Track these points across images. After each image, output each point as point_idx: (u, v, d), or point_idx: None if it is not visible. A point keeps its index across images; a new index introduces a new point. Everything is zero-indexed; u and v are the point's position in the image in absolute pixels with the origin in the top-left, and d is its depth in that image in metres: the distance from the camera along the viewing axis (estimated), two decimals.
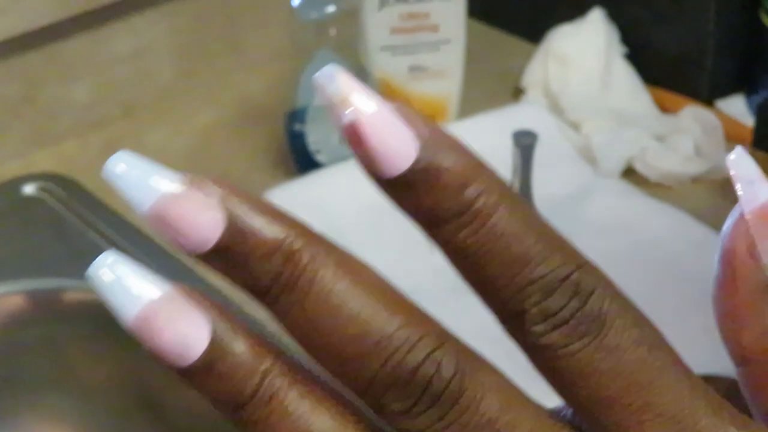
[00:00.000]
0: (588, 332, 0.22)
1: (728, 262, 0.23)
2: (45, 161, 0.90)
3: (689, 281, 0.72)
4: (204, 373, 0.22)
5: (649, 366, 0.22)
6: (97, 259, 0.22)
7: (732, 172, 0.23)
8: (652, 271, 0.77)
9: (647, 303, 0.87)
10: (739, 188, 0.23)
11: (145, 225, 0.75)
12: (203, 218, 0.22)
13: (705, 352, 0.47)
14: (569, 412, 0.24)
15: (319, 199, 0.80)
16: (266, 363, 0.22)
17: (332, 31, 0.84)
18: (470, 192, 0.22)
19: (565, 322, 0.22)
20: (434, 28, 0.88)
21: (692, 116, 0.89)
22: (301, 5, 0.84)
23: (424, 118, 0.22)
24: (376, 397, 0.22)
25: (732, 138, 0.88)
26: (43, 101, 0.91)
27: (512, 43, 1.03)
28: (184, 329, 0.22)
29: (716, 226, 0.80)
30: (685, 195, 0.85)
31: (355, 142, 0.22)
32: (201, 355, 0.22)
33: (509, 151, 0.75)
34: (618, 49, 0.94)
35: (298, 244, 0.22)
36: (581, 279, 0.22)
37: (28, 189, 0.86)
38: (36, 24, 0.87)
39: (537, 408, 0.23)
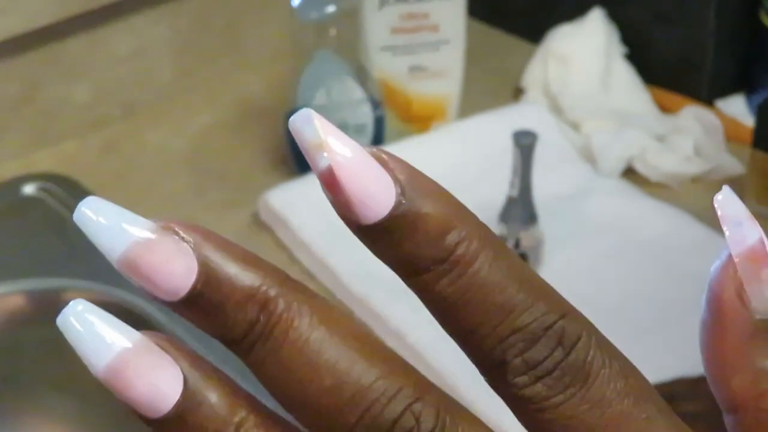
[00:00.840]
0: (572, 383, 0.21)
1: (716, 306, 0.22)
2: (45, 161, 0.90)
3: (689, 281, 0.72)
4: (176, 425, 0.21)
5: (635, 418, 0.21)
6: (67, 307, 0.22)
7: (719, 213, 0.23)
8: (652, 271, 0.77)
9: (647, 303, 0.88)
10: (726, 230, 0.22)
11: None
12: (175, 266, 0.21)
13: None
14: None
15: (319, 199, 0.80)
16: (240, 414, 0.22)
17: (332, 31, 0.84)
18: (451, 238, 0.21)
19: (549, 373, 0.21)
20: (434, 28, 0.88)
21: (692, 116, 0.89)
22: (301, 5, 0.84)
23: (402, 163, 0.21)
24: None
25: (732, 138, 0.88)
26: (43, 101, 0.91)
27: (512, 43, 1.03)
28: (156, 380, 0.21)
29: (716, 226, 0.80)
30: (685, 195, 0.85)
31: (331, 187, 0.21)
32: (173, 407, 0.21)
33: (509, 151, 0.75)
34: (618, 49, 0.94)
35: (273, 292, 0.21)
36: (566, 327, 0.21)
37: (28, 189, 0.86)
38: (36, 24, 0.87)
39: None
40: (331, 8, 0.84)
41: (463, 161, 0.85)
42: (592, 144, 0.86)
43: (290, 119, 0.21)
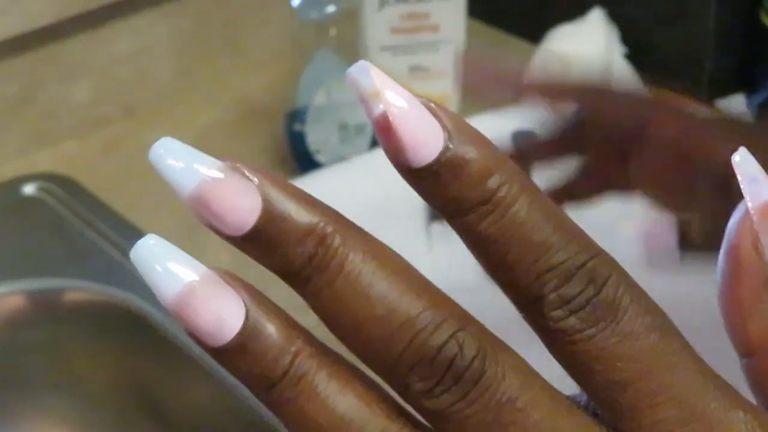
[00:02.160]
0: (603, 318, 0.23)
1: (733, 257, 0.24)
2: (45, 161, 0.90)
3: (689, 280, 0.72)
4: (237, 353, 0.23)
5: (662, 351, 0.23)
6: (140, 241, 0.23)
7: (737, 170, 0.24)
8: (653, 271, 0.77)
9: None
10: (743, 186, 0.24)
11: (146, 225, 0.74)
12: (242, 202, 0.23)
13: (705, 351, 0.47)
14: (584, 398, 0.24)
15: (319, 199, 0.80)
16: (296, 344, 0.23)
17: (332, 31, 0.84)
18: (492, 182, 0.23)
19: (582, 307, 0.23)
20: (434, 28, 0.88)
21: None
22: (301, 5, 0.84)
23: (450, 112, 0.23)
24: (400, 377, 0.23)
25: None
26: (43, 101, 0.91)
27: (512, 43, 1.03)
28: (220, 309, 0.23)
29: None
30: None
31: (385, 133, 0.23)
32: (235, 335, 0.23)
33: (509, 151, 0.75)
34: (618, 49, 0.94)
35: (329, 229, 0.23)
36: (596, 267, 0.23)
37: (28, 189, 0.86)
38: (36, 24, 0.87)
39: (554, 390, 0.24)
40: (331, 8, 0.84)
41: None
42: None
43: (348, 70, 0.23)
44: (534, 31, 0.98)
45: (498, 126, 0.85)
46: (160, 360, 0.77)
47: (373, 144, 0.86)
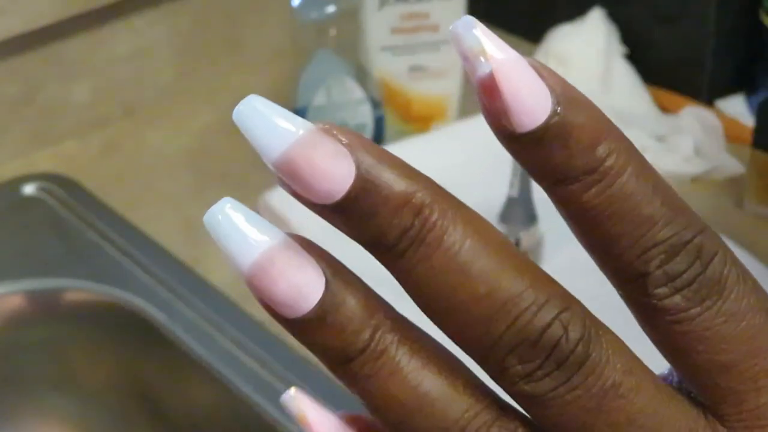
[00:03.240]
0: (709, 296, 0.22)
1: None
2: (45, 161, 0.90)
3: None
4: (315, 324, 0.22)
5: (767, 332, 0.22)
6: (215, 205, 0.22)
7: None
8: None
9: None
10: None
11: (146, 225, 0.73)
12: (334, 167, 0.21)
13: None
14: (674, 378, 0.23)
15: None
16: (378, 317, 0.22)
17: (332, 31, 0.84)
18: (601, 151, 0.21)
19: (688, 285, 0.22)
20: (434, 28, 0.88)
21: (692, 116, 0.89)
22: (301, 5, 0.84)
23: (556, 74, 0.22)
24: (499, 358, 0.21)
25: (732, 138, 0.88)
26: (43, 101, 0.91)
27: (512, 43, 1.02)
28: (300, 279, 0.21)
29: (716, 226, 0.80)
30: (685, 195, 0.84)
31: (489, 94, 0.21)
32: (314, 306, 0.21)
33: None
34: (618, 49, 0.94)
35: (428, 199, 0.21)
36: (704, 243, 0.22)
37: (28, 189, 0.86)
38: (36, 24, 0.87)
39: (655, 375, 0.22)
40: (331, 8, 0.84)
41: (463, 161, 0.85)
42: None
43: (451, 26, 0.22)
44: (534, 31, 0.98)
45: None
46: (160, 360, 0.77)
47: None
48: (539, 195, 0.77)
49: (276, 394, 0.70)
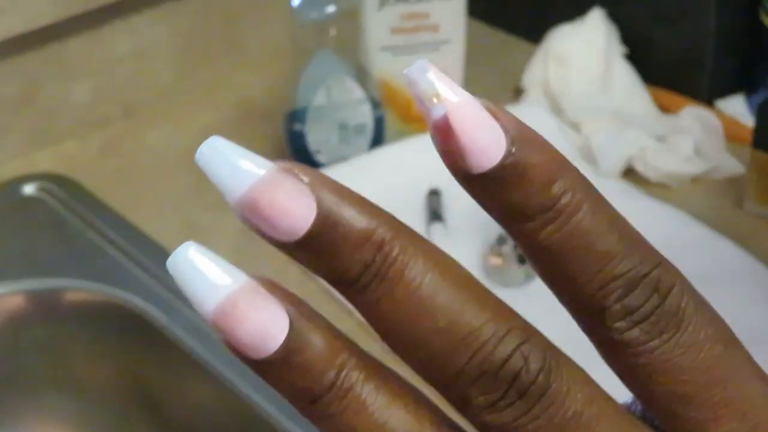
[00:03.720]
0: (667, 329, 0.22)
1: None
2: (45, 161, 0.90)
3: (689, 280, 0.72)
4: (280, 365, 0.22)
5: (726, 362, 0.22)
6: (177, 249, 0.22)
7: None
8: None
9: None
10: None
11: (146, 225, 0.73)
12: (296, 206, 0.21)
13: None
14: (638, 407, 0.24)
15: None
16: (343, 356, 0.22)
17: (332, 31, 0.84)
18: (556, 188, 0.22)
19: (646, 318, 0.22)
20: (434, 28, 0.88)
21: (692, 116, 0.89)
22: (301, 5, 0.84)
23: (510, 114, 0.22)
24: (461, 390, 0.22)
25: (732, 138, 0.88)
26: (43, 101, 0.91)
27: (512, 43, 1.03)
28: (263, 320, 0.22)
29: (716, 226, 0.80)
30: (685, 195, 0.85)
31: (444, 136, 0.21)
32: (279, 347, 0.22)
33: None
34: (618, 49, 0.94)
35: (388, 236, 0.21)
36: (661, 276, 0.22)
37: (28, 189, 0.86)
38: (36, 24, 0.87)
39: (617, 403, 0.23)
40: (331, 8, 0.84)
41: None
42: (592, 144, 0.86)
43: (405, 71, 0.22)
44: (534, 31, 0.98)
45: None
46: (160, 360, 0.77)
47: (373, 144, 0.86)
48: None
49: (276, 394, 0.70)
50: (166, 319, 0.75)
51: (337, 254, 0.21)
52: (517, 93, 0.96)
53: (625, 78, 0.93)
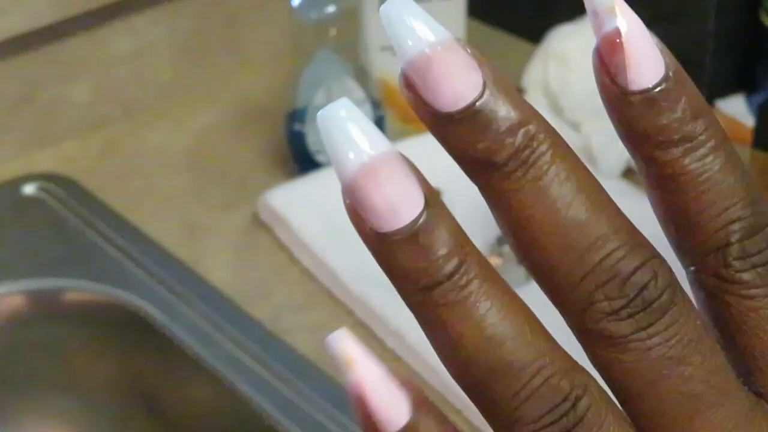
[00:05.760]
0: None
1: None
2: (45, 161, 0.90)
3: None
4: (406, 242, 0.21)
5: None
6: (328, 106, 0.22)
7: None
8: None
9: None
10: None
11: (146, 225, 0.73)
12: (465, 76, 0.21)
13: None
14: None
15: (319, 199, 0.80)
16: (467, 249, 0.22)
17: (332, 31, 0.84)
18: (700, 123, 0.22)
19: (763, 264, 0.22)
20: None
21: None
22: (301, 5, 0.84)
23: (672, 55, 0.23)
24: (586, 293, 0.22)
25: (732, 138, 0.87)
26: (43, 101, 0.91)
27: (512, 43, 1.03)
28: (400, 191, 0.21)
29: None
30: None
31: (612, 48, 0.22)
32: (410, 222, 0.21)
33: None
34: None
35: (541, 129, 0.22)
36: None
37: (28, 189, 0.86)
38: (36, 24, 0.87)
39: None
40: (331, 8, 0.84)
41: None
42: (592, 144, 0.86)
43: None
44: (534, 31, 0.98)
45: None
46: (160, 360, 0.77)
47: None
48: None
49: (276, 394, 0.70)
50: (166, 319, 0.75)
51: (491, 133, 0.21)
52: None
53: None
